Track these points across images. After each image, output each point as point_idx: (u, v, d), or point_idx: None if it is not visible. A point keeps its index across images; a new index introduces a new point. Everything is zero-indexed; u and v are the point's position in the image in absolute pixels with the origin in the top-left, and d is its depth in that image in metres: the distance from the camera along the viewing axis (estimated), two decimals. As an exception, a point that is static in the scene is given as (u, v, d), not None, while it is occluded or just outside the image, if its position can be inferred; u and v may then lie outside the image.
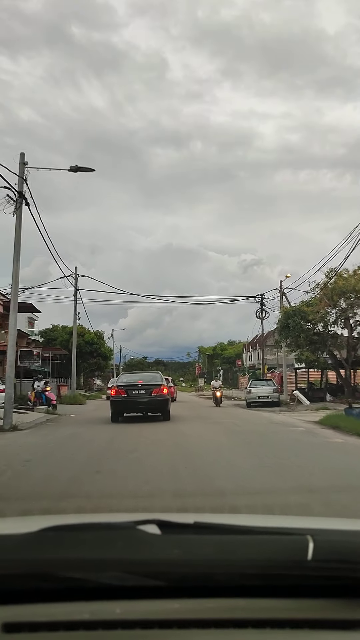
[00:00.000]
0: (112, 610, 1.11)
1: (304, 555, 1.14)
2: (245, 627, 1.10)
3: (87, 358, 50.44)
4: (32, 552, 1.18)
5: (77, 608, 1.12)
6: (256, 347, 77.19)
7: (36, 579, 1.13)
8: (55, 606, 1.13)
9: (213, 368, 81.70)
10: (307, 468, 7.96)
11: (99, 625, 1.09)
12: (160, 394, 16.34)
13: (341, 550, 1.21)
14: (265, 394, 26.93)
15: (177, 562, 1.15)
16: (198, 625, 1.09)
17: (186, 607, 1.13)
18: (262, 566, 1.16)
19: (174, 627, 1.09)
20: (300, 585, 1.16)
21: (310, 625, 1.11)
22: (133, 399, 16.17)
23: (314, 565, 1.14)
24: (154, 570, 1.14)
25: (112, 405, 16.57)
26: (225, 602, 1.14)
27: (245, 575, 1.16)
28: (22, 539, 1.23)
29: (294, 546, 1.18)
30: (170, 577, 1.14)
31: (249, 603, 1.14)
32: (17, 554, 1.17)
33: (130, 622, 1.09)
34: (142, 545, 1.18)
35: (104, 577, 1.12)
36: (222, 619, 1.11)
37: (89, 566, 1.14)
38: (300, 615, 1.12)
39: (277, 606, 1.14)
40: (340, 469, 8.16)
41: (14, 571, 1.14)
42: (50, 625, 1.09)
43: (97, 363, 54.06)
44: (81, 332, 48.69)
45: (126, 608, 1.12)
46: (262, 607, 1.14)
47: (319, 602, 1.15)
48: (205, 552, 1.18)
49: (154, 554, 1.16)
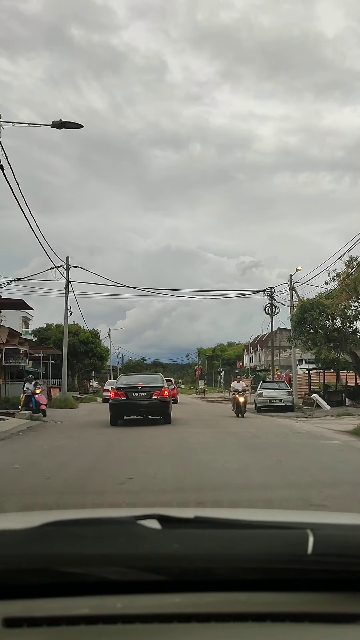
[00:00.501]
0: (113, 605, 1.12)
1: (304, 550, 1.14)
2: (245, 620, 1.10)
3: (82, 358, 47.46)
4: (32, 547, 1.18)
5: (78, 603, 1.12)
6: (258, 348, 74.92)
7: (37, 574, 1.14)
8: (55, 601, 1.13)
9: (213, 370, 79.24)
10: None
11: (99, 620, 1.09)
12: (161, 397, 15.71)
13: (341, 544, 1.22)
14: (278, 397, 24.19)
15: (178, 557, 1.16)
16: (199, 619, 1.10)
17: (187, 601, 1.14)
18: (262, 560, 1.17)
19: (175, 621, 1.09)
20: (300, 579, 1.18)
21: (310, 618, 1.11)
22: (133, 402, 15.58)
23: (314, 559, 1.15)
24: (155, 564, 1.15)
25: (111, 408, 15.91)
26: (226, 596, 1.15)
27: (245, 570, 1.17)
28: (23, 534, 1.23)
29: (294, 540, 1.19)
30: (171, 571, 1.15)
31: (250, 597, 1.16)
32: (18, 549, 1.18)
33: (131, 616, 1.09)
34: (143, 540, 1.18)
35: (105, 571, 1.13)
36: (223, 613, 1.11)
37: (89, 561, 1.14)
38: (300, 609, 1.13)
39: (277, 600, 1.15)
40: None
41: (15, 566, 1.15)
42: (51, 620, 1.09)
43: (93, 364, 50.90)
44: (75, 330, 45.87)
45: (127, 603, 1.12)
46: (262, 601, 1.15)
47: (319, 596, 1.16)
48: (206, 547, 1.18)
49: (154, 549, 1.17)
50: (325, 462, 9.00)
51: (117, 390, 16.06)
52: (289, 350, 69.08)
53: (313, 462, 8.89)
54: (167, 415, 15.84)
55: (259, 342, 76.25)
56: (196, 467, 8.22)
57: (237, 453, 9.78)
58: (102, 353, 52.46)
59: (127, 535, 1.19)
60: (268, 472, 7.76)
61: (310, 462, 8.79)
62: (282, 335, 74.97)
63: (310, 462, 8.88)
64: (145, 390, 15.70)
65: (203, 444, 10.98)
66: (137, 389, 15.77)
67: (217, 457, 9.07)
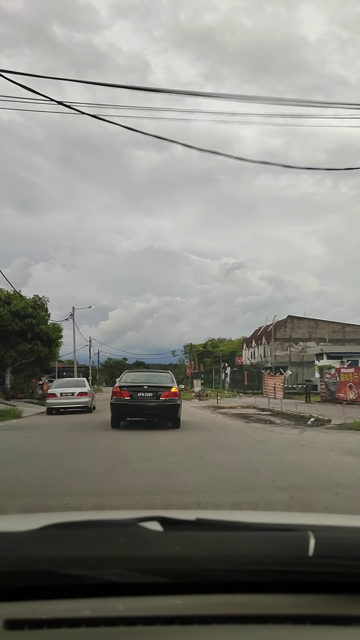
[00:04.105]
0: (114, 607, 1.11)
1: (305, 552, 1.14)
2: (246, 622, 1.09)
3: (16, 342, 29.75)
4: (34, 549, 1.18)
5: (79, 605, 1.12)
6: (262, 341, 59.69)
7: (38, 576, 1.14)
8: (57, 603, 1.13)
9: (205, 368, 64.07)
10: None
11: (101, 622, 1.08)
12: (171, 398, 13.82)
13: (342, 546, 1.21)
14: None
15: (179, 559, 1.16)
16: (200, 621, 1.09)
17: (188, 603, 1.13)
18: (263, 562, 1.17)
19: (176, 623, 1.08)
20: (301, 581, 1.17)
21: (311, 621, 1.10)
22: (138, 403, 13.78)
23: (315, 562, 1.15)
24: (156, 566, 1.14)
25: (113, 409, 14.11)
26: (227, 598, 1.15)
27: (246, 571, 1.16)
28: (24, 536, 1.23)
29: (295, 542, 1.19)
30: (172, 573, 1.14)
31: (251, 599, 1.15)
32: (19, 551, 1.17)
33: (132, 618, 1.09)
34: (144, 542, 1.18)
35: (106, 573, 1.12)
36: (224, 615, 1.10)
37: (91, 563, 1.14)
38: (301, 611, 1.12)
39: (278, 602, 1.15)
40: None
41: (16, 568, 1.14)
42: (52, 622, 1.08)
43: (35, 351, 30.51)
44: (5, 298, 30.23)
45: (128, 605, 1.12)
46: (263, 603, 1.14)
47: (320, 598, 1.16)
48: (207, 549, 1.18)
49: (155, 551, 1.16)
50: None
51: (121, 389, 14.09)
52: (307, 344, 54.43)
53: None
54: (176, 420, 13.96)
55: (263, 333, 60.40)
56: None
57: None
58: (51, 334, 31.93)
59: (129, 538, 1.19)
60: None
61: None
62: (293, 325, 59.84)
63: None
64: (153, 390, 13.89)
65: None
66: (143, 389, 13.94)
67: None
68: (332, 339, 56.34)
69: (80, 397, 21.05)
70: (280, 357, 56.57)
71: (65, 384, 22.70)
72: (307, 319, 60.35)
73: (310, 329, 59.68)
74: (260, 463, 7.89)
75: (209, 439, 11.31)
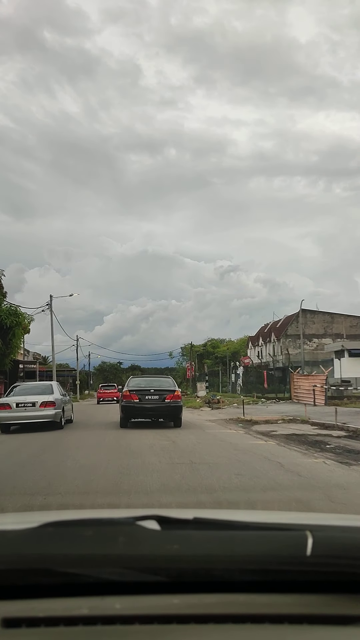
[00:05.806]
0: (112, 606, 1.11)
1: (303, 551, 1.14)
2: (244, 622, 1.09)
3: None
4: (31, 547, 1.18)
5: (77, 603, 1.12)
6: (271, 339, 53.33)
7: (36, 574, 1.14)
8: (54, 601, 1.13)
9: (207, 369, 57.87)
10: None
11: (98, 621, 1.09)
12: (175, 400, 15.65)
13: (340, 545, 1.21)
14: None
15: (177, 558, 1.16)
16: (197, 620, 1.09)
17: (186, 602, 1.13)
18: (261, 561, 1.17)
19: (174, 622, 1.09)
20: (299, 581, 1.17)
21: (309, 620, 1.11)
22: (145, 405, 15.47)
23: (313, 561, 1.15)
24: (154, 565, 1.14)
25: (123, 411, 15.72)
26: (225, 597, 1.15)
27: (244, 571, 1.16)
28: (21, 534, 1.23)
29: (293, 542, 1.19)
30: (170, 572, 1.15)
31: (248, 598, 1.15)
32: (17, 549, 1.17)
33: (130, 617, 1.09)
34: (142, 541, 1.18)
35: (104, 572, 1.13)
36: (222, 614, 1.10)
37: (88, 561, 1.14)
38: (299, 610, 1.12)
39: (276, 602, 1.15)
40: None
41: (14, 566, 1.14)
42: (50, 620, 1.09)
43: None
44: None
45: (126, 603, 1.12)
46: (261, 603, 1.14)
47: (318, 598, 1.16)
48: (205, 548, 1.18)
49: (153, 550, 1.16)
50: None
51: (130, 392, 15.69)
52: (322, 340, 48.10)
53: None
54: (178, 420, 15.66)
55: (271, 330, 53.80)
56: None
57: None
58: (4, 320, 24.61)
59: (126, 536, 1.19)
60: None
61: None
62: (305, 320, 53.46)
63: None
64: (159, 393, 15.61)
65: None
66: (150, 392, 15.62)
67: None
68: (351, 334, 49.91)
69: (45, 408, 15.51)
70: (292, 355, 49.66)
71: (25, 391, 16.95)
72: (322, 313, 54.16)
73: (326, 323, 53.70)
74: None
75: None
